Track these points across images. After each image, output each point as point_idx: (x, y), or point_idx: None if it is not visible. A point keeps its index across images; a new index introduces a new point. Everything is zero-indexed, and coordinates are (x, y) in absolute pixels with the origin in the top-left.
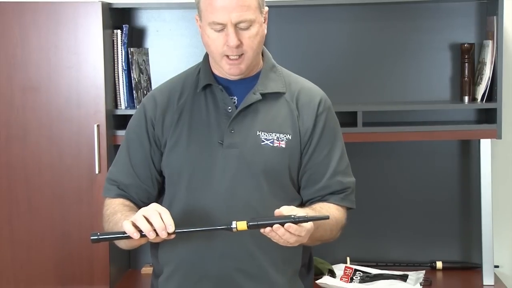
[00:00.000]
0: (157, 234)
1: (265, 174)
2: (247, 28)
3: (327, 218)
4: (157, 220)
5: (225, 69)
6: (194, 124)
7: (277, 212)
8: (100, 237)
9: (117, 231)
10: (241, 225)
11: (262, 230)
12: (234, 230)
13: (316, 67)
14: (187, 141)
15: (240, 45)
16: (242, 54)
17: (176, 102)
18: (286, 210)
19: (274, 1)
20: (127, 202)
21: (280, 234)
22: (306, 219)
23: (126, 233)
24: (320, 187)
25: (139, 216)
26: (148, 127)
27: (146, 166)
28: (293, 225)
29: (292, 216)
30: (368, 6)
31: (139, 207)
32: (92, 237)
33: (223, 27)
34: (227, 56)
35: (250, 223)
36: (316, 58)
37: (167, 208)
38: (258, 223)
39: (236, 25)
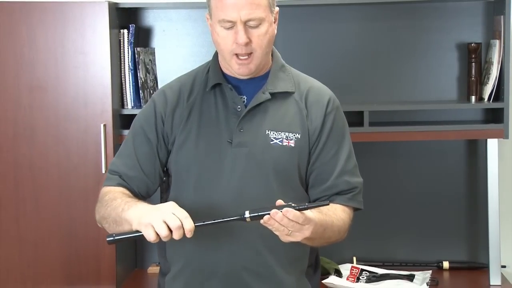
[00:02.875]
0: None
1: (274, 173)
2: (256, 27)
3: (327, 204)
4: (180, 234)
5: (234, 69)
6: (203, 122)
7: (278, 202)
8: (116, 238)
9: (132, 231)
10: None
11: (261, 221)
12: (248, 220)
13: (323, 67)
14: (196, 140)
15: (249, 43)
16: (251, 53)
17: (186, 99)
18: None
19: (282, 0)
20: (127, 192)
21: (278, 220)
22: (305, 207)
23: (141, 233)
24: (327, 186)
25: (161, 227)
26: (158, 122)
27: (151, 160)
28: (290, 210)
29: (292, 205)
30: (375, 6)
31: (138, 198)
32: (108, 239)
33: (232, 25)
34: (237, 55)
35: (251, 214)
36: (323, 58)
37: None
38: (259, 213)
39: (245, 23)
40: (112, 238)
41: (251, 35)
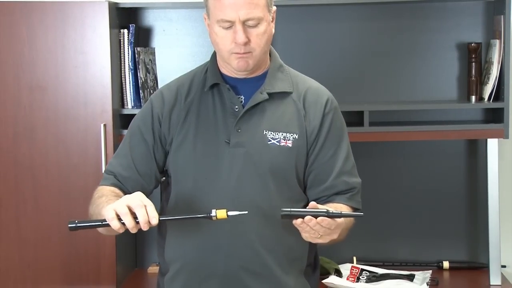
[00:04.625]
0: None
1: (272, 174)
2: (255, 26)
3: (361, 215)
4: (142, 213)
5: (233, 65)
6: (201, 123)
7: (312, 205)
8: (78, 225)
9: (96, 219)
10: (221, 214)
11: (294, 222)
12: (214, 218)
13: (322, 67)
14: (194, 140)
15: (247, 42)
16: (249, 52)
17: (184, 100)
18: (321, 206)
19: (281, 0)
20: (117, 191)
21: (312, 226)
22: (340, 215)
23: (105, 221)
24: (326, 187)
25: (122, 206)
26: (154, 123)
27: (147, 161)
28: (325, 219)
29: (326, 210)
30: (375, 6)
31: None
32: (69, 225)
33: (231, 25)
34: (235, 53)
35: (283, 213)
36: (322, 58)
37: (172, 207)
38: (291, 213)
39: (244, 23)
40: (74, 225)
41: (249, 34)
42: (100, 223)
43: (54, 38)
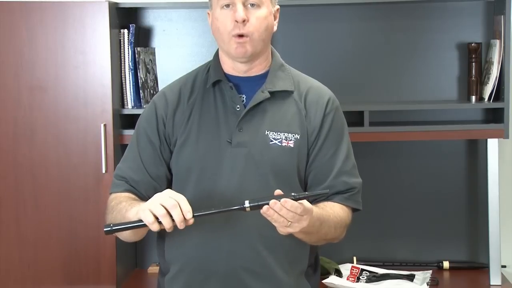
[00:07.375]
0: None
1: (273, 174)
2: (255, 8)
3: (326, 193)
4: (177, 213)
5: (231, 50)
6: (204, 122)
7: (277, 192)
8: (114, 228)
9: (131, 221)
10: None
11: (261, 211)
12: (248, 209)
13: (323, 67)
14: (196, 140)
15: (246, 21)
16: (247, 37)
17: (187, 100)
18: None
19: (282, 0)
20: (133, 196)
21: (277, 210)
22: (305, 196)
23: (141, 222)
24: (325, 186)
25: (158, 208)
26: (159, 124)
27: (156, 163)
28: (289, 200)
29: (292, 194)
30: (375, 6)
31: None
32: (105, 229)
33: (232, 5)
34: (234, 36)
35: (251, 204)
36: (323, 58)
37: None
38: (259, 203)
39: (244, 3)
40: (109, 229)
41: (249, 14)
42: (136, 224)
43: (54, 38)
